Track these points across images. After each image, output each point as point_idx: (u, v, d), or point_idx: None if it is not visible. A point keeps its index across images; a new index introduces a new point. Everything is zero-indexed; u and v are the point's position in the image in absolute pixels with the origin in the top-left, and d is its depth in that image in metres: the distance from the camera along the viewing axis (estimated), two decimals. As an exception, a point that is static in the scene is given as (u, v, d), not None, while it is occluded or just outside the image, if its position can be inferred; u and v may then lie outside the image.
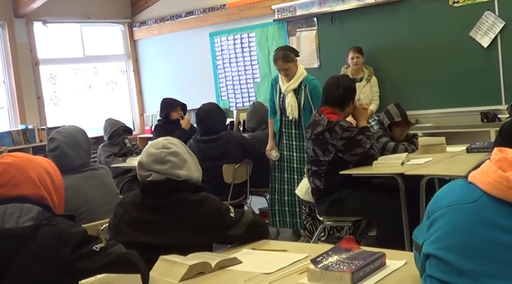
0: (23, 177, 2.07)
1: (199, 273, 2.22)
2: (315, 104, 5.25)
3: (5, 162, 2.09)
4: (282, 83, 5.50)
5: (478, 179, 1.58)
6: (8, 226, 1.92)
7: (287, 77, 5.47)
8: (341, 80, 4.64)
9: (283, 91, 5.49)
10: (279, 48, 5.64)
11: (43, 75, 9.07)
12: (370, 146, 4.37)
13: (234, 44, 8.75)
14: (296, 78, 5.45)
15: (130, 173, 6.22)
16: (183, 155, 2.60)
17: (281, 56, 5.43)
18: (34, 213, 1.96)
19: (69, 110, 9.39)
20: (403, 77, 7.20)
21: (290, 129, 5.55)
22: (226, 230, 2.54)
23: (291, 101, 5.43)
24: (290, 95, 5.44)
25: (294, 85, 5.44)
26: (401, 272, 2.04)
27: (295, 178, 5.49)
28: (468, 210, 1.55)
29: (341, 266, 1.99)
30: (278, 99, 5.55)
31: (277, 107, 5.57)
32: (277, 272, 2.19)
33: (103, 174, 3.71)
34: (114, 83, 10.11)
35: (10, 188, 2.04)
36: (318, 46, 7.89)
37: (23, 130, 8.30)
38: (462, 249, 1.53)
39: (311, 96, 5.37)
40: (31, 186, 2.08)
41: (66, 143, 3.56)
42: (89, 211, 3.45)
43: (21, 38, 8.74)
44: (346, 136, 4.33)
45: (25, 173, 2.08)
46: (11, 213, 1.95)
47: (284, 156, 5.59)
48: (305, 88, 5.40)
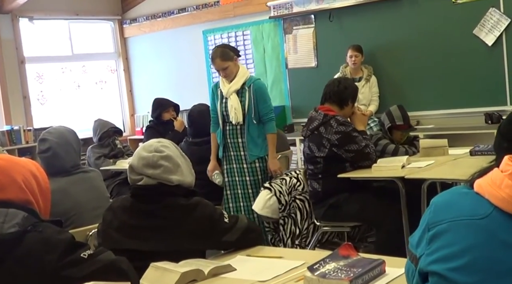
0: (7, 181, 2.01)
1: (192, 280, 2.20)
2: (260, 107, 4.95)
3: None
4: (223, 86, 5.04)
5: (488, 192, 1.46)
6: None
7: (227, 78, 4.99)
8: (343, 79, 4.69)
9: (225, 94, 5.01)
10: (217, 46, 5.24)
11: (29, 74, 8.97)
12: (366, 144, 4.33)
13: (228, 42, 8.66)
14: (238, 78, 4.99)
15: (120, 176, 6.13)
16: (176, 159, 2.56)
17: (219, 54, 4.96)
18: (19, 219, 1.92)
19: (57, 110, 9.31)
20: (404, 77, 7.17)
21: (236, 138, 5.05)
22: (220, 236, 2.53)
23: (234, 103, 4.95)
24: (232, 97, 4.97)
25: (236, 86, 4.98)
26: (401, 280, 1.97)
27: (250, 193, 5.02)
28: (480, 227, 1.45)
29: (339, 274, 1.97)
30: (220, 105, 5.04)
31: (219, 114, 5.06)
32: (272, 279, 2.18)
33: (94, 177, 3.71)
34: (104, 83, 10.03)
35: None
36: (315, 45, 7.84)
37: (9, 131, 8.20)
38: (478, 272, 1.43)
39: (256, 97, 4.95)
40: (16, 190, 2.02)
41: (58, 144, 3.54)
42: (78, 215, 3.44)
43: (6, 35, 8.63)
44: (341, 131, 4.30)
45: (10, 176, 2.02)
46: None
47: (234, 169, 5.09)
48: (249, 89, 4.97)
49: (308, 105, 7.54)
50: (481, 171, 1.52)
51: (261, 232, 2.78)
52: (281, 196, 4.39)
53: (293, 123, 8.03)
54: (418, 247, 1.56)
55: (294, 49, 8.01)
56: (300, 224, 4.44)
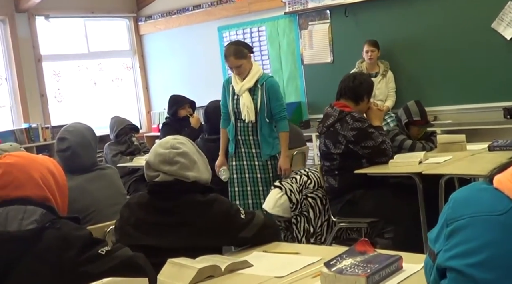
0: (25, 178, 2.03)
1: (208, 276, 2.21)
2: (272, 105, 4.92)
3: (7, 163, 2.05)
4: (236, 83, 4.99)
5: (507, 188, 1.44)
6: (11, 229, 1.90)
7: (241, 75, 4.94)
8: (358, 74, 4.70)
9: (237, 92, 4.97)
10: (230, 43, 5.17)
11: (46, 72, 8.99)
12: (382, 140, 4.30)
13: (243, 38, 8.64)
14: (251, 76, 4.94)
15: (137, 173, 6.17)
16: (192, 156, 2.56)
17: (233, 52, 4.90)
18: (37, 216, 1.93)
19: (74, 107, 9.32)
20: (421, 72, 7.11)
21: (247, 135, 5.01)
22: (237, 232, 2.53)
23: (246, 102, 4.91)
24: (245, 95, 4.92)
25: (249, 84, 4.93)
26: (418, 276, 1.97)
27: (260, 190, 5.01)
28: (499, 223, 1.43)
29: (356, 270, 1.96)
30: (232, 102, 5.01)
31: (231, 111, 5.03)
32: (289, 275, 2.17)
33: (111, 174, 3.72)
34: (120, 80, 10.04)
35: (12, 190, 2.00)
36: (331, 40, 7.79)
37: (27, 128, 8.23)
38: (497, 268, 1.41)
39: (268, 96, 4.91)
40: (34, 187, 2.03)
41: (77, 143, 3.55)
42: (96, 212, 3.46)
43: (23, 34, 8.65)
44: (357, 127, 4.27)
45: (28, 173, 2.04)
46: (13, 216, 1.93)
47: (244, 166, 5.06)
48: (262, 87, 4.93)
49: (324, 101, 7.51)
50: (501, 166, 1.50)
51: (278, 228, 2.77)
52: (291, 194, 4.33)
53: (309, 119, 8.00)
54: (436, 242, 1.55)
55: (310, 44, 7.97)
56: (314, 222, 4.41)
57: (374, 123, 4.42)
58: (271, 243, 2.60)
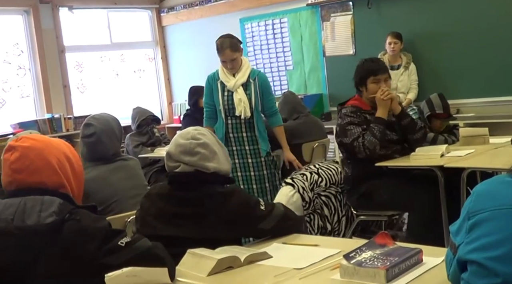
0: (42, 163, 2.00)
1: (228, 267, 2.21)
2: (265, 99, 4.86)
3: (24, 146, 2.02)
4: (226, 79, 4.84)
5: None
6: (29, 222, 1.88)
7: (233, 70, 4.81)
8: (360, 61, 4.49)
9: (230, 88, 4.81)
10: (222, 36, 4.89)
11: (69, 63, 9.04)
12: (354, 138, 4.17)
13: (265, 30, 8.66)
14: (244, 71, 4.83)
15: (158, 164, 6.18)
16: (212, 147, 2.56)
17: (229, 45, 4.76)
18: (55, 207, 1.92)
19: (96, 98, 9.36)
20: (444, 64, 7.07)
21: (241, 132, 4.87)
22: (256, 224, 2.53)
23: (242, 97, 4.77)
24: (240, 90, 4.79)
25: (243, 79, 4.81)
26: (439, 269, 1.95)
27: (254, 188, 4.86)
28: None
29: (375, 262, 1.95)
30: (222, 98, 4.85)
31: (222, 108, 4.85)
32: (308, 267, 2.16)
33: (133, 165, 3.75)
34: (142, 71, 10.07)
35: (29, 174, 1.99)
36: (353, 32, 7.76)
37: (49, 119, 8.28)
38: None
39: (262, 90, 4.83)
40: (50, 173, 2.01)
41: (103, 130, 3.59)
42: (118, 203, 3.49)
43: (46, 25, 8.68)
44: (338, 123, 4.32)
45: (45, 158, 2.02)
46: (31, 207, 1.91)
47: (237, 164, 4.88)
48: (254, 81, 4.83)
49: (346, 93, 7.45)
50: None
51: (298, 220, 2.76)
52: (304, 193, 4.13)
53: (330, 111, 7.97)
54: (458, 235, 1.55)
55: (332, 36, 7.94)
56: (330, 219, 4.34)
57: (377, 113, 4.28)
58: (291, 235, 2.59)
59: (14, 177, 1.99)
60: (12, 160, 1.99)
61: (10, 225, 1.88)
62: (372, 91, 4.26)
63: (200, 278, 2.14)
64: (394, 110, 4.28)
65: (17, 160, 1.99)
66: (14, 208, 1.91)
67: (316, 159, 5.96)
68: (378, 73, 4.29)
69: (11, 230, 1.87)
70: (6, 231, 1.87)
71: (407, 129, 4.29)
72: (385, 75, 4.30)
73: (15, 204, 1.92)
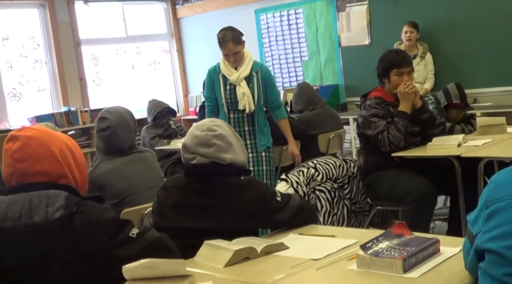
0: (44, 152, 1.97)
1: (245, 258, 2.21)
2: (268, 92, 4.76)
3: (26, 135, 1.99)
4: (229, 72, 4.73)
5: None
6: (37, 219, 1.85)
7: (236, 63, 4.70)
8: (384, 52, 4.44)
9: (232, 81, 4.70)
10: (224, 29, 4.79)
11: (85, 56, 9.07)
12: (379, 131, 4.15)
13: (280, 21, 8.63)
14: (246, 63, 4.71)
15: (174, 156, 6.17)
16: (228, 138, 2.56)
17: (232, 37, 4.64)
18: (62, 201, 1.89)
19: (112, 91, 9.39)
20: (460, 54, 7.02)
21: (243, 126, 4.75)
22: (272, 215, 2.53)
23: (246, 90, 4.65)
24: (243, 84, 4.67)
25: (246, 72, 4.69)
26: (456, 259, 1.95)
27: None
28: None
29: (392, 253, 1.95)
30: (224, 92, 4.73)
31: (224, 102, 4.73)
32: (325, 258, 2.16)
33: (149, 157, 3.76)
34: (157, 63, 10.08)
35: (31, 164, 1.95)
36: (369, 22, 7.73)
37: (66, 112, 8.30)
38: None
39: (265, 83, 4.73)
40: (53, 162, 1.98)
41: (117, 123, 3.60)
42: (133, 195, 3.50)
43: (62, 18, 8.71)
44: (362, 114, 4.28)
45: (47, 147, 1.98)
46: (37, 203, 1.88)
47: None
48: (257, 74, 4.71)
49: (362, 84, 7.46)
50: None
51: (314, 210, 2.78)
52: (298, 187, 4.01)
53: (346, 102, 7.95)
54: (475, 224, 1.54)
55: (348, 27, 7.91)
56: (321, 214, 4.25)
57: (399, 107, 4.25)
58: (307, 226, 2.59)
59: (16, 166, 1.95)
60: (14, 149, 1.96)
61: (18, 223, 1.85)
62: (394, 84, 4.22)
63: (217, 269, 2.14)
64: (415, 105, 4.24)
65: (19, 149, 1.96)
66: (20, 205, 1.88)
67: (332, 149, 5.96)
68: (402, 65, 4.25)
69: (19, 229, 1.84)
70: (14, 229, 1.84)
71: (426, 124, 4.27)
72: (408, 68, 4.26)
73: (20, 201, 1.89)
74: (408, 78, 4.24)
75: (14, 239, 1.84)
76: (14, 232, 1.84)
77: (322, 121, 5.90)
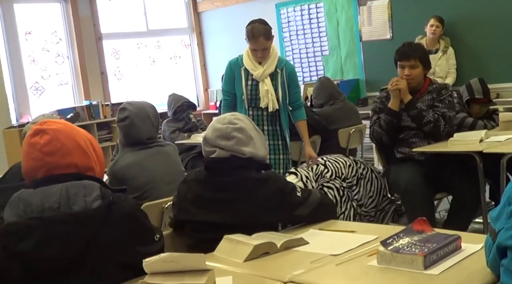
0: (72, 145, 1.98)
1: (264, 253, 2.21)
2: (292, 91, 4.54)
3: (53, 128, 1.98)
4: (253, 67, 4.48)
5: None
6: (77, 208, 1.86)
7: (262, 59, 4.46)
8: None
9: (256, 77, 4.46)
10: (255, 22, 4.50)
11: (106, 50, 9.10)
12: (370, 126, 4.37)
13: (301, 15, 8.60)
14: (272, 59, 4.47)
15: (194, 150, 6.19)
16: (249, 132, 2.56)
17: (263, 32, 4.39)
18: (97, 191, 1.91)
19: (133, 85, 9.41)
20: (483, 48, 6.96)
21: (262, 125, 4.50)
22: (292, 210, 2.51)
23: (270, 88, 4.42)
24: (267, 81, 4.44)
25: (271, 68, 4.45)
26: (478, 256, 1.93)
27: None
28: None
29: (413, 249, 1.93)
30: (246, 88, 4.48)
31: (245, 98, 4.50)
32: (345, 253, 2.15)
33: (170, 151, 3.76)
34: (178, 57, 10.07)
35: (61, 156, 1.95)
36: (390, 16, 7.68)
37: (88, 106, 8.33)
38: None
39: (289, 81, 4.50)
40: (81, 154, 2.00)
41: (136, 114, 3.62)
42: (154, 189, 3.52)
43: (84, 13, 8.75)
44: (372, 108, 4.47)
45: (74, 140, 2.00)
46: (75, 193, 1.89)
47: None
48: (282, 71, 4.48)
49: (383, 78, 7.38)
50: None
51: (334, 206, 2.73)
52: (307, 181, 4.00)
53: (367, 97, 7.90)
54: (498, 221, 1.52)
55: (369, 21, 7.85)
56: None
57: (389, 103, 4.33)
58: (327, 221, 2.58)
59: (45, 160, 1.94)
60: (42, 143, 1.94)
61: (59, 213, 1.85)
62: (399, 76, 4.26)
63: (236, 264, 2.14)
64: (403, 100, 4.22)
65: (49, 142, 1.94)
66: (57, 196, 1.88)
67: (353, 144, 5.94)
68: (402, 58, 4.26)
69: (61, 218, 1.84)
70: (56, 219, 1.84)
71: (413, 120, 4.22)
72: (409, 62, 4.21)
73: (56, 192, 1.89)
74: (411, 71, 4.21)
75: (56, 229, 1.83)
76: (56, 222, 1.84)
77: (342, 116, 5.88)
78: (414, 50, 4.28)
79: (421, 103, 4.21)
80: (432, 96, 4.25)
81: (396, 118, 4.21)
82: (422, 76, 4.27)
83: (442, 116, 4.18)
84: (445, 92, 4.25)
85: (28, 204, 1.86)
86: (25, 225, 1.82)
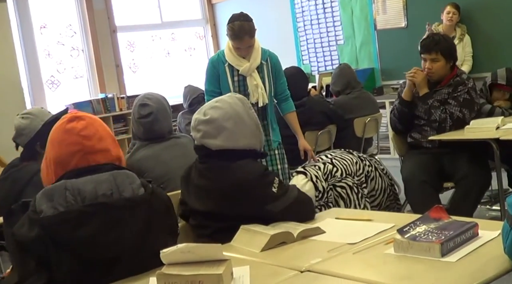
0: (105, 133, 2.08)
1: (281, 243, 2.22)
2: (278, 82, 4.33)
3: (87, 115, 2.09)
4: (238, 62, 4.21)
5: None
6: (126, 194, 1.95)
7: (247, 55, 4.22)
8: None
9: (243, 72, 4.20)
10: (238, 18, 4.23)
11: (121, 43, 9.12)
12: (392, 107, 4.54)
13: (315, 4, 8.54)
14: (256, 52, 4.23)
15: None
16: (222, 122, 2.44)
17: (249, 31, 4.15)
18: (138, 180, 2.01)
19: (148, 77, 9.42)
20: (500, 36, 6.87)
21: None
22: (263, 204, 2.41)
23: (259, 82, 4.19)
24: (255, 75, 4.21)
25: (257, 61, 4.22)
26: (495, 243, 1.92)
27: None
28: None
29: (430, 237, 1.93)
30: (232, 84, 4.21)
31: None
32: (362, 242, 2.15)
33: (185, 143, 3.73)
34: (192, 49, 10.07)
35: (97, 141, 2.03)
36: (405, 4, 7.60)
37: (103, 99, 8.35)
38: None
39: (274, 72, 4.30)
40: (112, 142, 2.09)
41: (158, 109, 3.61)
42: (170, 181, 3.49)
43: (98, 6, 8.77)
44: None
45: (106, 129, 2.10)
46: (122, 181, 1.97)
47: None
48: (267, 63, 4.27)
49: (398, 67, 7.38)
50: None
51: (312, 205, 2.62)
52: (317, 181, 3.83)
53: (382, 86, 7.86)
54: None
55: (383, 9, 7.80)
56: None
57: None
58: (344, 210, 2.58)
59: (83, 143, 2.00)
60: (80, 127, 2.02)
61: (113, 199, 1.92)
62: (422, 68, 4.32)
63: (253, 254, 2.15)
64: (419, 93, 4.28)
65: (86, 127, 2.02)
66: (108, 183, 1.95)
67: (368, 134, 5.91)
68: (423, 51, 4.29)
69: (119, 203, 1.92)
70: (113, 205, 1.91)
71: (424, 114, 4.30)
72: (430, 55, 4.21)
73: (106, 179, 1.96)
74: (432, 65, 4.22)
75: (116, 214, 1.90)
76: (116, 207, 1.91)
77: (358, 105, 5.84)
78: (436, 43, 4.24)
79: (438, 95, 4.22)
80: (449, 90, 4.23)
81: (407, 108, 4.24)
82: (445, 69, 4.25)
83: (450, 116, 4.18)
84: (462, 88, 4.22)
85: (78, 192, 1.91)
86: (81, 212, 1.87)
